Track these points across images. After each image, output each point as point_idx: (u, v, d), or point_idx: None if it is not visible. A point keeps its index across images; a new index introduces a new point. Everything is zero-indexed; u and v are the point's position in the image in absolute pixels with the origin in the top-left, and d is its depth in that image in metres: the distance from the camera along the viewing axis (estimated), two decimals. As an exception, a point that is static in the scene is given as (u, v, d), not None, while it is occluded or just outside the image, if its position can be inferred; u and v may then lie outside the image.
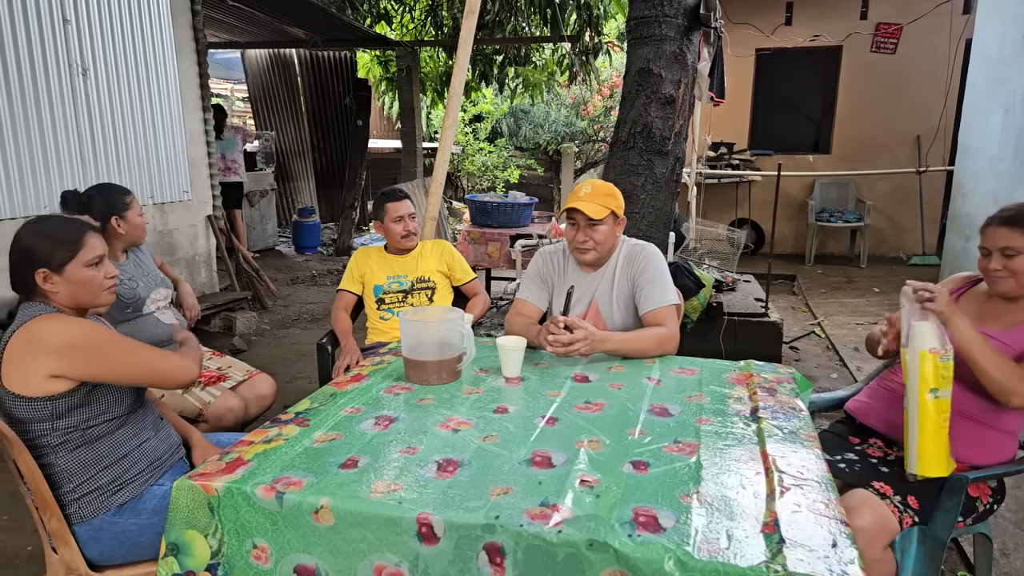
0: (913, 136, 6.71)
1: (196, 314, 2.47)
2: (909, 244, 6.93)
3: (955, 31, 6.15)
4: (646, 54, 3.25)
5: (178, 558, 1.15)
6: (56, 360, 1.30)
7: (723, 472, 1.16)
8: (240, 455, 1.24)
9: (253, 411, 2.20)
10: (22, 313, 1.37)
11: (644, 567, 0.94)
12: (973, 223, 4.76)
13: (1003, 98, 4.38)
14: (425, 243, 2.65)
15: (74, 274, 1.40)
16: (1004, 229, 1.50)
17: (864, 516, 1.41)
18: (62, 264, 1.39)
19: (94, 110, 3.72)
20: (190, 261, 4.54)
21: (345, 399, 1.52)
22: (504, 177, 10.64)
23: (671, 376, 1.67)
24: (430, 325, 1.69)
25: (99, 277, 1.44)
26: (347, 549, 1.07)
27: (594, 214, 1.85)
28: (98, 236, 1.46)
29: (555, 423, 1.38)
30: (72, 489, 1.38)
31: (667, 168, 3.34)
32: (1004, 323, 1.55)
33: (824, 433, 1.73)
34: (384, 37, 7.55)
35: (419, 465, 1.20)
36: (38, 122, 3.39)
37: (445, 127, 2.99)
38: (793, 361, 3.88)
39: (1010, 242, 1.49)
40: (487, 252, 4.65)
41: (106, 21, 3.78)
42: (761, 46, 6.79)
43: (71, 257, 1.39)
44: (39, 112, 3.39)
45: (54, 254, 1.38)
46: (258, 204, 6.95)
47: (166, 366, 1.46)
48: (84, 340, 1.33)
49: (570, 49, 7.56)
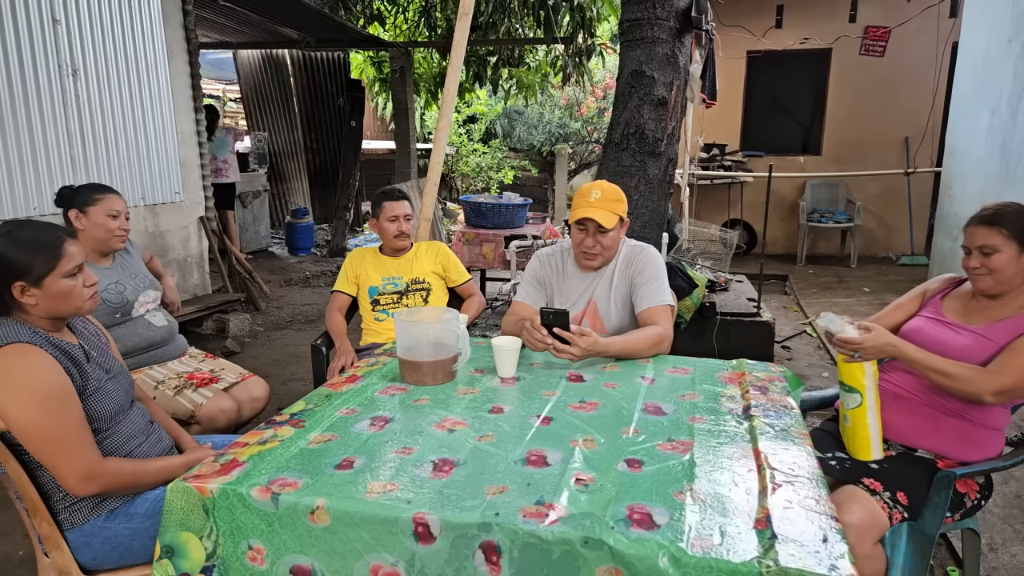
0: (902, 138, 6.78)
1: (176, 309, 2.47)
2: (898, 244, 7.00)
3: (942, 34, 6.22)
4: (639, 56, 3.27)
5: (173, 560, 1.15)
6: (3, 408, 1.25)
7: (716, 469, 1.18)
8: (235, 456, 1.24)
9: (246, 413, 2.19)
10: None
11: (638, 564, 0.95)
12: (961, 223, 4.77)
13: (989, 100, 4.43)
14: (420, 244, 2.65)
15: (53, 286, 1.33)
16: (982, 228, 1.55)
17: (854, 512, 1.42)
18: (41, 277, 1.32)
19: (84, 111, 3.70)
20: (182, 263, 4.52)
21: (340, 400, 1.52)
22: (498, 178, 10.65)
23: (665, 375, 1.68)
24: (425, 326, 1.69)
25: (79, 287, 1.37)
26: (343, 549, 1.08)
27: (606, 223, 1.87)
28: (76, 243, 1.40)
29: (550, 422, 1.38)
30: (63, 497, 1.37)
31: (660, 169, 3.36)
32: (988, 318, 1.58)
33: (815, 431, 1.75)
34: (377, 38, 7.54)
35: (415, 465, 1.20)
36: (27, 123, 3.36)
37: (439, 128, 2.99)
38: (785, 360, 3.91)
39: (987, 240, 1.53)
40: (482, 253, 4.66)
41: (96, 21, 3.76)
42: (752, 48, 6.85)
43: (50, 269, 1.33)
44: (28, 113, 3.36)
45: (32, 266, 1.31)
46: (251, 205, 6.92)
47: (73, 466, 1.28)
48: (31, 409, 1.25)
49: (563, 51, 7.59)
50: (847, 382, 1.54)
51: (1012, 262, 1.52)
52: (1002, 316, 1.56)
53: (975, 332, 1.57)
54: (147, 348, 2.18)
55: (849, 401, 1.55)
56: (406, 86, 7.61)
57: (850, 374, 1.53)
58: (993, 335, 1.54)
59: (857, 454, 1.56)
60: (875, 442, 1.54)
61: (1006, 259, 1.52)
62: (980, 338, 1.55)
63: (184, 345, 2.34)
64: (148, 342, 2.18)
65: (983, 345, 1.54)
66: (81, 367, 1.38)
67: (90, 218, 2.08)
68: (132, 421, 1.49)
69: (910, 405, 1.62)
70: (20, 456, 1.33)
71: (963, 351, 1.55)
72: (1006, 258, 1.52)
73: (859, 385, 1.52)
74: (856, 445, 1.56)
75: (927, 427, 1.59)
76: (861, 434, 1.54)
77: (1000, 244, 1.52)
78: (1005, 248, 1.52)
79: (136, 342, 2.15)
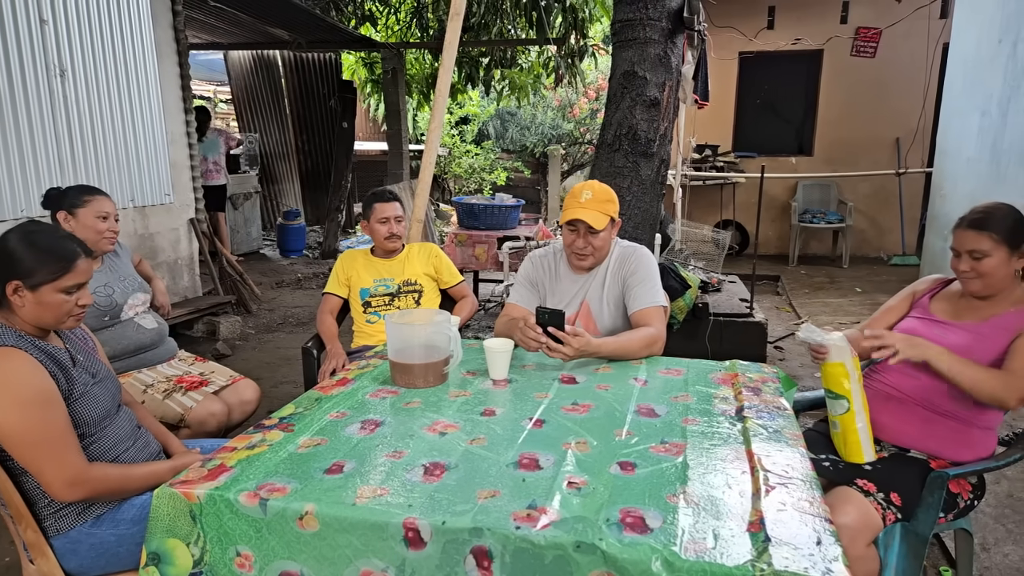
0: (893, 138, 6.82)
1: (167, 312, 2.45)
2: (890, 244, 7.04)
3: (933, 35, 6.26)
4: (630, 57, 3.27)
5: (159, 567, 1.13)
6: None
7: (709, 472, 1.17)
8: (223, 461, 1.22)
9: (236, 417, 2.17)
10: None
11: (632, 568, 0.94)
12: (951, 223, 4.81)
13: (979, 101, 4.46)
14: (412, 246, 2.63)
15: (47, 296, 1.33)
16: (971, 232, 1.54)
17: (848, 513, 1.42)
18: (40, 284, 1.32)
19: (72, 112, 3.66)
20: (172, 265, 4.48)
21: (330, 403, 1.50)
22: (491, 179, 10.64)
23: (657, 377, 1.67)
24: (416, 328, 1.68)
25: (69, 304, 1.36)
26: (332, 555, 1.06)
27: (596, 224, 1.86)
28: (89, 262, 1.39)
29: (542, 425, 1.37)
30: (48, 503, 1.35)
31: (652, 170, 3.36)
32: (979, 315, 1.58)
33: (809, 432, 1.74)
34: (369, 39, 7.52)
35: (405, 469, 1.19)
36: (14, 124, 3.32)
37: (431, 129, 2.98)
38: (778, 360, 3.92)
39: (977, 245, 1.52)
40: (474, 254, 4.64)
41: (84, 22, 3.72)
42: (744, 49, 6.87)
43: (52, 279, 1.32)
44: (15, 114, 3.32)
45: (36, 271, 1.31)
46: (242, 207, 6.88)
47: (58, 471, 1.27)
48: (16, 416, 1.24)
49: (556, 52, 7.59)
50: (832, 388, 1.53)
51: (1002, 265, 1.52)
52: (993, 313, 1.56)
53: (968, 329, 1.57)
54: (136, 351, 2.15)
55: (836, 408, 1.54)
56: (398, 87, 7.59)
57: (835, 380, 1.52)
58: (987, 332, 1.54)
59: (850, 458, 1.56)
60: (866, 445, 1.53)
61: (995, 263, 1.51)
62: (972, 334, 1.56)
63: (174, 348, 2.32)
64: (137, 345, 2.16)
65: (976, 340, 1.54)
66: (67, 371, 1.36)
67: (79, 220, 2.06)
68: (119, 426, 1.47)
69: (902, 406, 1.62)
70: (4, 462, 1.31)
71: (956, 347, 1.54)
72: (995, 262, 1.51)
73: (844, 391, 1.51)
74: (848, 450, 1.55)
75: (920, 428, 1.59)
76: (852, 439, 1.54)
77: (989, 248, 1.51)
78: (995, 252, 1.51)
79: (125, 345, 2.12)
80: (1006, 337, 1.52)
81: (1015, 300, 1.56)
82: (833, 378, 1.52)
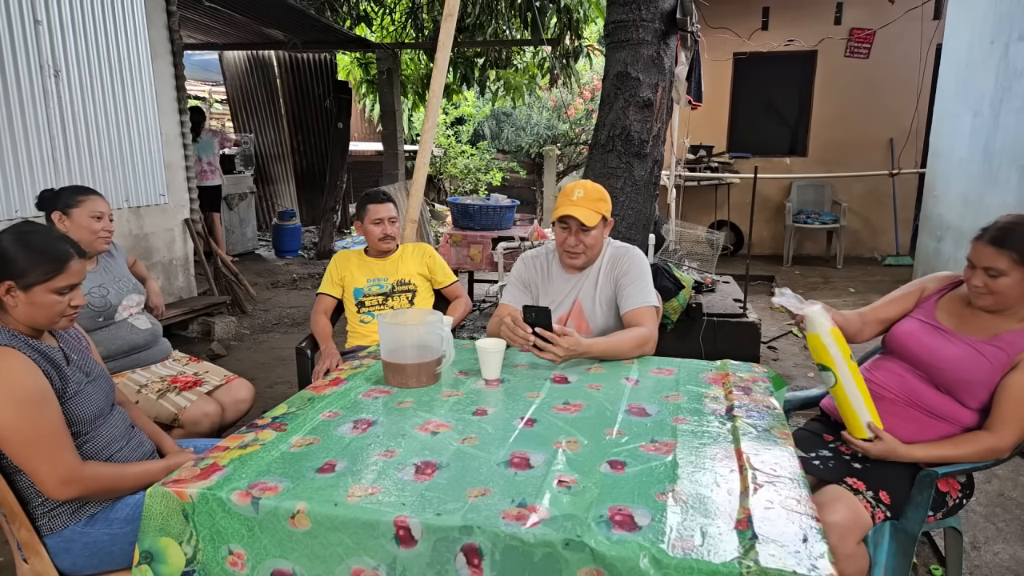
0: (886, 139, 6.85)
1: (161, 313, 2.44)
2: (883, 245, 7.07)
3: (926, 36, 6.30)
4: (624, 58, 3.29)
5: (152, 566, 1.13)
6: None
7: (698, 470, 1.18)
8: (215, 461, 1.23)
9: (230, 416, 2.17)
10: None
11: (620, 565, 0.95)
12: (944, 224, 4.87)
13: (972, 102, 4.49)
14: (406, 246, 2.64)
15: (39, 297, 1.33)
16: (991, 249, 1.48)
17: (837, 511, 1.43)
18: (32, 284, 1.32)
19: (67, 112, 3.65)
20: (167, 265, 4.47)
21: (323, 403, 1.51)
22: (486, 180, 10.65)
23: (649, 376, 1.68)
24: (409, 328, 1.68)
25: (62, 305, 1.36)
26: (324, 554, 1.07)
27: (588, 221, 1.87)
28: (82, 263, 1.40)
29: (534, 424, 1.38)
30: (42, 502, 1.35)
31: (646, 171, 3.37)
32: (984, 331, 1.56)
33: (800, 431, 1.76)
34: (364, 39, 7.52)
35: (397, 468, 1.20)
36: (8, 125, 3.31)
37: (425, 130, 2.99)
38: (771, 360, 3.94)
39: (994, 263, 1.47)
40: (469, 255, 4.65)
41: (79, 22, 3.72)
42: (738, 50, 6.90)
43: (45, 280, 1.33)
44: (9, 114, 3.32)
45: (29, 271, 1.31)
46: (237, 207, 6.87)
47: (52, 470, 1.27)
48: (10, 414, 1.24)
49: (551, 52, 7.60)
50: (819, 361, 1.50)
51: (1016, 285, 1.48)
52: (997, 331, 1.53)
53: (968, 344, 1.55)
54: (130, 351, 2.15)
55: (828, 380, 1.51)
56: (393, 88, 7.59)
57: (816, 352, 1.49)
58: (988, 352, 1.52)
59: (854, 433, 1.53)
60: (863, 416, 1.50)
61: (1011, 283, 1.47)
62: (973, 351, 1.54)
63: (168, 348, 2.32)
64: (131, 345, 2.16)
65: (975, 359, 1.52)
66: (61, 370, 1.37)
67: (73, 220, 2.06)
68: (112, 425, 1.48)
69: (893, 406, 1.62)
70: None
71: (954, 362, 1.54)
72: (1011, 282, 1.47)
73: (827, 361, 1.48)
74: (849, 424, 1.53)
75: (910, 428, 1.59)
76: (848, 410, 1.51)
77: (1007, 268, 1.46)
78: (1012, 272, 1.46)
79: (119, 345, 2.12)
80: (1006, 359, 1.50)
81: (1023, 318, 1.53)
82: (814, 350, 1.49)
